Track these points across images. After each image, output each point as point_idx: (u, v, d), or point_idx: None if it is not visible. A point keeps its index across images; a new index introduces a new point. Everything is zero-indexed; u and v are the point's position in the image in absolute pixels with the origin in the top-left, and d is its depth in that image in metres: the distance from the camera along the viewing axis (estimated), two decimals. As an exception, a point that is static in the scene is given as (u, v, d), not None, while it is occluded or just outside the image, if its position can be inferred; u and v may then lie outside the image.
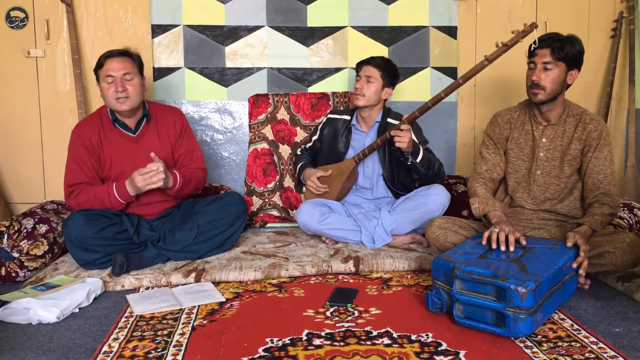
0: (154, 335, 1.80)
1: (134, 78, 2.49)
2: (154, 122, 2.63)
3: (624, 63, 3.49)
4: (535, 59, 2.27)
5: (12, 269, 2.41)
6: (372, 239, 2.71)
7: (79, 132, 2.54)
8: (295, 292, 2.20)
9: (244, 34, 3.35)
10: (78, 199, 2.46)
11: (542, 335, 1.77)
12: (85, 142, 2.51)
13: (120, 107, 2.47)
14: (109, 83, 2.46)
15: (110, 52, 2.51)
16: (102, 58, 2.50)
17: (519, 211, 2.41)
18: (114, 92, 2.45)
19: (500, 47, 2.40)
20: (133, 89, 2.48)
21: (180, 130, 2.67)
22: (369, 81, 2.83)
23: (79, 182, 2.48)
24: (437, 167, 2.78)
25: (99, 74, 2.50)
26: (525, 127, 2.39)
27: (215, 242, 2.57)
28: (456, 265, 1.84)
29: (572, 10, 3.45)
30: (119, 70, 2.46)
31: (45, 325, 1.91)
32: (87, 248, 2.35)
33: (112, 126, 2.55)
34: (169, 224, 2.57)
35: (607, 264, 2.13)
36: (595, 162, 2.26)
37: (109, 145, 2.53)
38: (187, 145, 2.68)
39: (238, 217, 2.64)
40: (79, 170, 2.49)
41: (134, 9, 3.25)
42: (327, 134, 3.00)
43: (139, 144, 2.57)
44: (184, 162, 2.66)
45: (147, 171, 2.37)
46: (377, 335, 1.78)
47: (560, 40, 2.24)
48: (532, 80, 2.26)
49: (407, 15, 3.40)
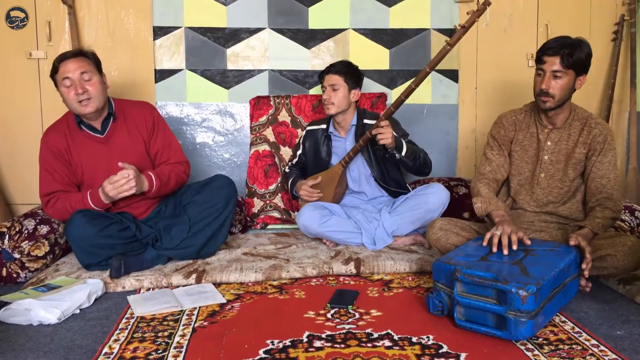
0: (154, 337, 1.80)
1: (92, 77, 2.39)
2: (122, 120, 2.53)
3: (625, 66, 3.49)
4: (544, 67, 2.22)
5: (13, 269, 2.41)
6: (373, 240, 2.71)
7: (45, 140, 2.47)
8: (296, 293, 2.20)
9: (245, 36, 3.35)
10: (55, 208, 2.43)
11: (544, 338, 1.77)
12: (54, 150, 2.45)
13: (84, 110, 2.37)
14: (67, 86, 2.36)
15: (63, 55, 2.40)
16: (56, 62, 2.38)
17: (520, 213, 2.40)
18: (74, 95, 2.35)
19: (460, 30, 2.39)
20: (94, 88, 2.38)
21: (152, 125, 2.57)
22: (334, 89, 2.85)
23: (54, 190, 2.44)
24: (423, 157, 2.79)
25: (56, 79, 2.39)
26: (530, 130, 2.39)
27: (210, 230, 2.51)
28: (457, 267, 1.84)
29: (573, 13, 3.46)
30: (75, 70, 2.35)
31: (46, 326, 1.91)
32: (91, 250, 2.34)
33: (79, 130, 2.48)
34: (162, 222, 2.53)
35: (609, 267, 2.12)
36: (599, 166, 2.26)
37: (77, 150, 2.46)
38: (162, 140, 2.59)
39: (228, 200, 2.56)
40: (52, 179, 2.44)
41: (136, 10, 3.26)
42: (309, 146, 3.02)
43: (108, 144, 2.49)
44: (161, 157, 2.58)
45: (118, 179, 2.30)
46: (378, 338, 1.77)
47: (569, 46, 2.18)
48: (541, 88, 2.22)
49: (408, 17, 3.40)
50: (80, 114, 2.43)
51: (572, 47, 2.18)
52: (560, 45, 2.19)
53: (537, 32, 3.45)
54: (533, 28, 3.45)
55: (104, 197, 2.37)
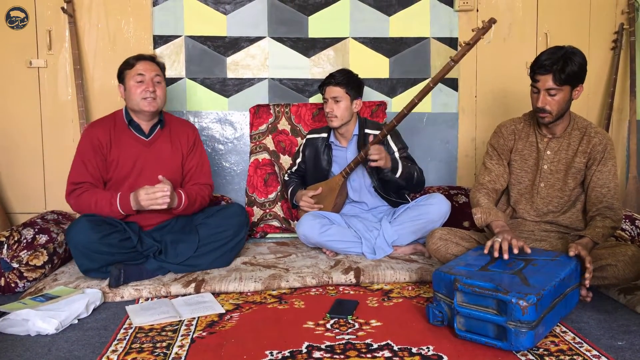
0: (152, 347, 1.79)
1: (162, 82, 2.56)
2: (168, 130, 2.64)
3: (625, 74, 3.50)
4: (538, 85, 2.19)
5: (12, 279, 2.40)
6: (373, 250, 2.70)
7: (89, 132, 2.55)
8: (295, 303, 2.19)
9: (245, 45, 3.36)
10: (79, 199, 2.45)
11: (544, 349, 1.76)
12: (94, 142, 2.51)
13: (146, 106, 2.49)
14: (138, 82, 2.49)
15: (141, 55, 2.56)
16: (132, 59, 2.53)
17: (520, 222, 2.40)
18: (143, 92, 2.48)
19: (464, 47, 2.38)
20: (161, 92, 2.54)
21: (193, 144, 2.69)
22: (337, 101, 2.82)
23: (83, 181, 2.48)
24: (418, 177, 2.78)
25: (127, 74, 2.52)
26: (530, 139, 2.38)
27: (217, 255, 2.54)
28: (457, 277, 1.83)
29: (572, 22, 3.47)
30: (150, 71, 2.51)
31: (43, 336, 1.90)
32: (90, 255, 2.33)
33: (126, 128, 2.57)
34: (169, 236, 2.54)
35: (609, 277, 2.11)
36: (599, 176, 2.26)
37: (118, 146, 2.53)
38: (198, 159, 2.69)
39: (240, 229, 2.61)
40: (84, 170, 2.49)
41: (136, 19, 3.27)
42: (309, 155, 3.01)
43: (150, 148, 2.57)
44: (193, 175, 2.66)
45: (155, 191, 2.37)
46: (378, 348, 1.76)
47: (560, 61, 2.13)
48: (537, 106, 2.22)
49: (408, 26, 3.41)
50: (140, 110, 2.52)
51: (563, 62, 2.14)
52: (552, 62, 2.14)
53: (537, 41, 3.45)
54: (532, 37, 3.46)
55: (135, 203, 2.41)
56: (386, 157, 2.64)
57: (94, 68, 3.26)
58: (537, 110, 2.24)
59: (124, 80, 2.54)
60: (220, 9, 3.33)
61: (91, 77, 3.27)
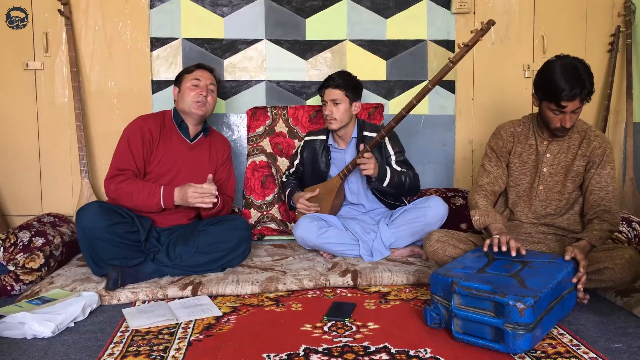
0: (149, 351, 1.78)
1: (214, 91, 2.73)
2: (209, 140, 2.77)
3: (622, 77, 3.51)
4: (565, 109, 2.16)
5: (8, 282, 2.39)
6: (371, 252, 2.70)
7: (141, 123, 2.61)
8: (292, 306, 2.19)
9: (242, 47, 3.36)
10: (121, 185, 2.47)
11: (542, 351, 1.76)
12: (145, 133, 2.58)
13: (197, 109, 2.62)
14: (194, 86, 2.64)
15: (202, 64, 2.77)
16: (193, 66, 2.73)
17: (518, 225, 2.40)
18: (196, 95, 2.62)
19: (463, 48, 2.39)
20: (212, 99, 2.70)
21: (227, 157, 2.83)
22: (336, 103, 2.82)
23: (127, 168, 2.52)
24: (410, 184, 2.76)
25: (185, 77, 2.68)
26: (529, 142, 2.38)
27: (214, 265, 2.52)
28: (454, 279, 1.83)
29: (569, 24, 3.47)
30: (207, 79, 2.69)
31: (40, 339, 1.89)
32: (94, 242, 2.33)
33: (174, 128, 2.68)
34: (174, 237, 2.56)
35: (606, 280, 2.12)
36: (597, 179, 2.26)
37: (164, 143, 2.62)
38: (227, 173, 2.81)
39: (240, 243, 2.58)
40: (130, 157, 2.53)
41: (133, 22, 3.27)
42: (307, 157, 3.01)
43: (192, 152, 2.68)
44: (220, 187, 2.72)
45: (205, 191, 2.46)
46: (375, 351, 1.76)
47: (584, 82, 2.11)
48: (563, 126, 2.20)
49: (405, 29, 3.42)
50: (190, 112, 2.64)
51: (588, 84, 2.13)
52: (580, 87, 2.11)
53: (534, 43, 3.46)
54: (529, 39, 3.47)
55: (180, 198, 2.48)
56: (375, 166, 2.65)
57: (90, 70, 3.26)
58: (560, 129, 2.23)
59: (180, 83, 2.69)
60: (217, 12, 3.33)
61: (88, 80, 3.26)
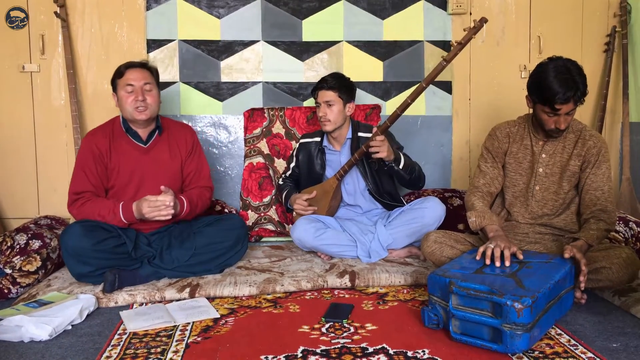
0: (147, 353, 1.78)
1: (152, 89, 2.55)
2: (166, 136, 2.64)
3: (618, 77, 3.51)
4: (559, 112, 2.17)
5: (5, 285, 2.38)
6: (368, 253, 2.70)
7: (88, 140, 2.54)
8: (290, 307, 2.19)
9: (239, 49, 3.36)
10: (82, 208, 2.44)
11: (539, 351, 1.76)
12: (94, 151, 2.51)
13: (138, 115, 2.49)
14: (128, 92, 2.49)
15: (131, 63, 2.55)
16: (123, 68, 2.53)
17: (515, 225, 2.40)
18: (133, 101, 2.48)
19: (456, 46, 2.39)
20: (152, 99, 2.53)
21: (192, 147, 2.69)
22: (329, 105, 2.82)
23: (85, 190, 2.47)
24: (418, 170, 2.78)
25: (118, 82, 2.53)
26: (524, 142, 2.39)
27: (211, 265, 2.52)
28: (452, 280, 1.83)
29: (565, 25, 3.48)
30: (139, 80, 2.50)
31: (37, 343, 1.88)
32: (83, 260, 2.32)
33: (124, 136, 2.57)
34: (166, 240, 2.53)
35: (604, 279, 2.12)
36: (593, 178, 2.26)
37: (117, 154, 2.53)
38: (197, 163, 2.70)
39: (237, 242, 2.59)
40: (85, 179, 2.48)
41: (130, 24, 3.26)
42: (302, 159, 3.01)
43: (149, 155, 2.58)
44: (192, 179, 2.66)
45: (158, 204, 2.38)
46: (373, 352, 1.76)
47: (577, 85, 2.12)
48: (560, 128, 2.21)
49: (401, 30, 3.42)
50: (133, 120, 2.53)
51: (582, 86, 2.14)
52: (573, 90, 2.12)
53: (530, 44, 3.47)
54: (526, 40, 3.47)
55: (137, 213, 2.41)
56: (388, 148, 2.63)
57: (87, 72, 3.25)
58: (554, 131, 2.24)
59: (116, 89, 2.55)
60: (214, 13, 3.33)
61: (84, 82, 3.26)
